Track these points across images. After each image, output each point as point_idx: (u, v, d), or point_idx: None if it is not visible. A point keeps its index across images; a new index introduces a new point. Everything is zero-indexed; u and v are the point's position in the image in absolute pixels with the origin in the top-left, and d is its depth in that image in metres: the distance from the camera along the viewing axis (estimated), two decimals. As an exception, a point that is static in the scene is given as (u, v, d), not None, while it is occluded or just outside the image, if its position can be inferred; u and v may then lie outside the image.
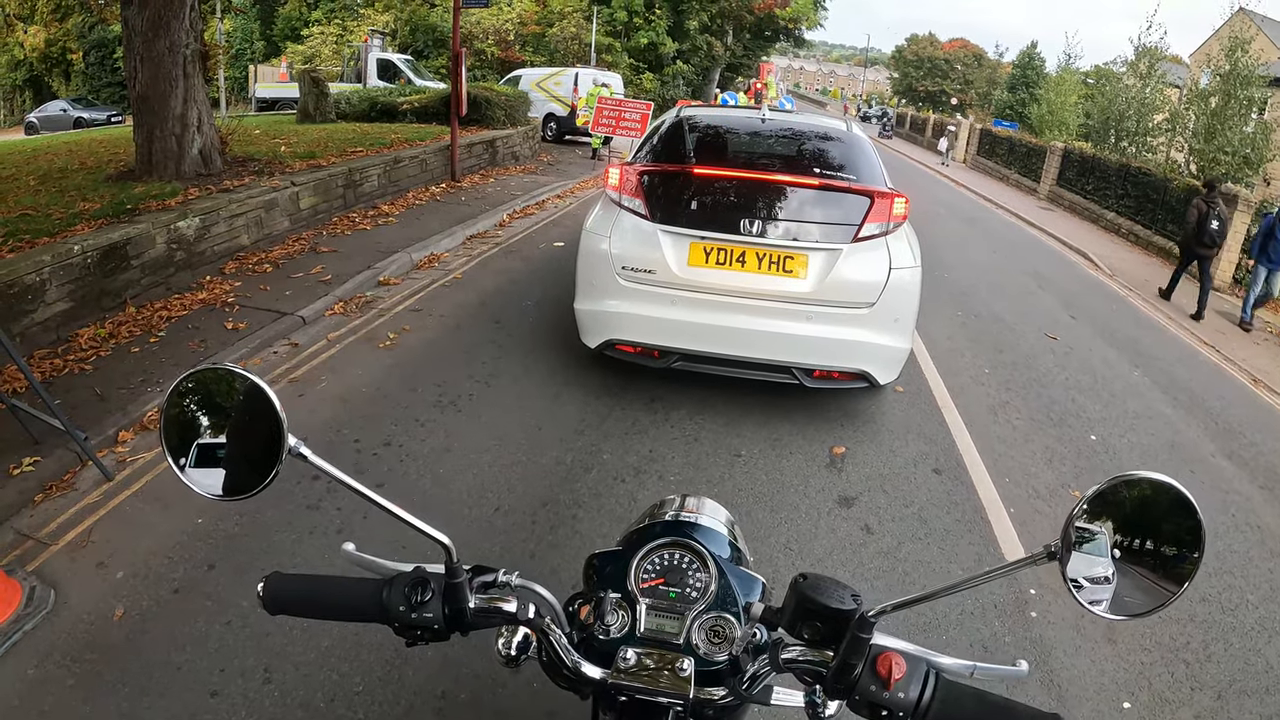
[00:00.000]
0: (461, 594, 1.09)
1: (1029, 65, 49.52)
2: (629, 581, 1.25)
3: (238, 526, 3.57)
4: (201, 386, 1.04)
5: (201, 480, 1.03)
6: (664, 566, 1.29)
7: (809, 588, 1.06)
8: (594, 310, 4.86)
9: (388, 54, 25.28)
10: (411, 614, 1.08)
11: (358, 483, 1.04)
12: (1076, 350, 7.53)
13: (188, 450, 1.03)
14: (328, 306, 6.48)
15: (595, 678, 1.12)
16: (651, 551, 1.30)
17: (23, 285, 5.17)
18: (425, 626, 1.09)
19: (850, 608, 1.03)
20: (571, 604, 1.24)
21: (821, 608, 1.04)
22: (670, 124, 5.39)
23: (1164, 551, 0.96)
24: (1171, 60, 28.74)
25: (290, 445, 0.99)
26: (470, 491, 4.01)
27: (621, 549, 1.38)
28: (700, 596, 1.24)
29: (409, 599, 1.08)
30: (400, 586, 1.09)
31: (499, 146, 14.77)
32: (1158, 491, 0.95)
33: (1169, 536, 0.96)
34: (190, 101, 8.04)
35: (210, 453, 1.03)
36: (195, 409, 1.04)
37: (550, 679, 1.18)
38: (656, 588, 1.26)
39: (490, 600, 1.12)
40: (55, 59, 37.16)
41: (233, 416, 1.04)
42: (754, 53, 41.16)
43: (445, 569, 1.09)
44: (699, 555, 1.29)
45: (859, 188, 4.63)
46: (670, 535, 1.34)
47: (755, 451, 4.64)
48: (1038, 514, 4.38)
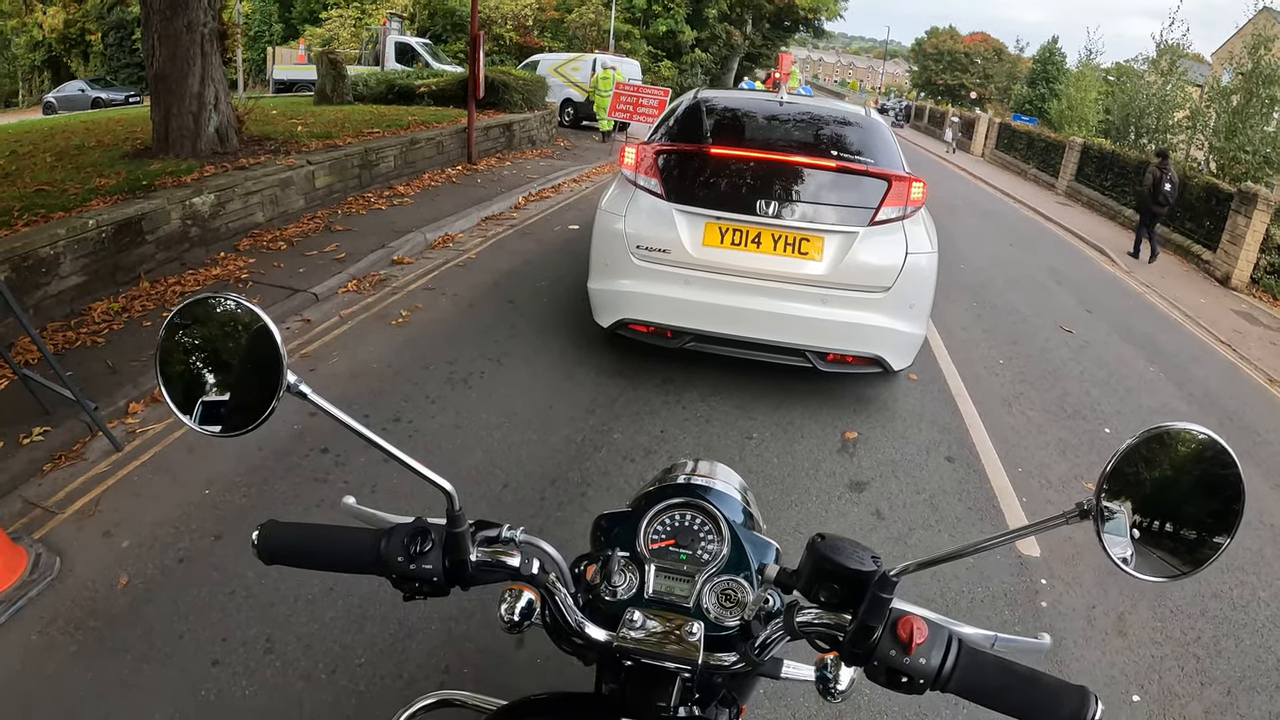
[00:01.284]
0: (463, 545, 1.05)
1: (1049, 60, 48.95)
2: (638, 542, 1.22)
3: (245, 498, 3.57)
4: (200, 316, 0.99)
5: (195, 413, 0.98)
6: (675, 528, 1.25)
7: (827, 548, 1.02)
8: (607, 289, 4.84)
9: (406, 37, 25.21)
10: (410, 565, 1.03)
11: (358, 423, 1.00)
12: (1092, 344, 7.45)
13: (182, 382, 0.98)
14: (341, 284, 6.48)
15: (600, 640, 1.08)
16: (662, 512, 1.27)
17: (37, 258, 5.18)
18: (424, 578, 1.04)
19: (870, 568, 0.99)
20: (578, 565, 1.20)
21: (840, 568, 0.99)
22: (687, 105, 5.35)
23: (1203, 507, 0.90)
24: (1193, 58, 28.44)
25: (289, 382, 0.94)
26: (479, 468, 3.99)
27: (632, 510, 1.34)
28: (712, 559, 1.20)
29: (408, 549, 1.03)
30: (399, 537, 1.05)
31: (516, 130, 14.74)
32: (1194, 444, 0.90)
33: (1207, 491, 0.90)
34: (207, 80, 8.04)
35: (205, 386, 0.99)
36: (192, 339, 0.99)
37: (554, 642, 1.14)
38: (667, 549, 1.22)
39: (493, 554, 1.07)
40: (74, 40, 37.24)
41: (230, 349, 0.99)
42: (773, 42, 40.89)
43: (446, 517, 1.05)
44: (711, 517, 1.25)
45: (876, 171, 4.58)
46: (683, 494, 1.31)
47: (767, 434, 4.61)
48: (1049, 504, 4.34)
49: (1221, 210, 13.29)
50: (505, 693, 1.23)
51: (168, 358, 0.98)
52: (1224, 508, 0.89)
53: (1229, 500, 0.89)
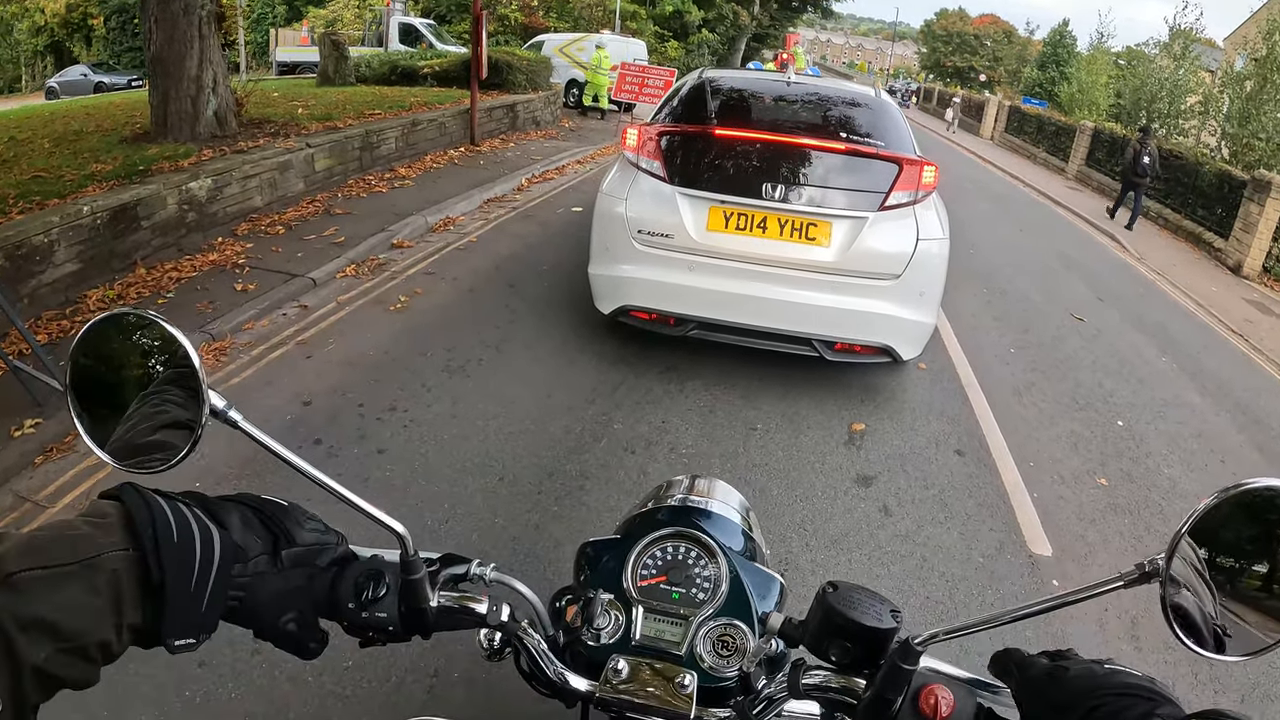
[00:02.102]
0: (420, 592, 0.91)
1: (1060, 43, 48.49)
2: (625, 579, 1.08)
3: (235, 491, 3.47)
4: (112, 337, 0.84)
5: (111, 447, 0.82)
6: (666, 562, 1.12)
7: (839, 600, 0.88)
8: (608, 275, 4.72)
9: (409, 18, 25.03)
10: (362, 613, 0.89)
11: (294, 455, 0.83)
12: (1104, 333, 7.32)
13: (97, 412, 0.83)
14: (339, 269, 6.38)
15: (581, 690, 0.96)
16: (652, 544, 1.13)
17: (31, 246, 5.10)
18: (378, 628, 0.91)
19: (889, 626, 0.86)
20: (559, 599, 1.07)
21: (854, 625, 0.86)
22: (692, 85, 5.21)
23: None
24: (1206, 43, 28.11)
25: (217, 407, 0.79)
26: (475, 459, 3.89)
27: (620, 537, 1.22)
28: (708, 599, 1.07)
29: (360, 594, 0.89)
30: (351, 579, 0.90)
31: (520, 111, 14.58)
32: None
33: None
34: (205, 63, 7.93)
35: (120, 416, 0.84)
36: (105, 364, 0.84)
37: (531, 688, 1.01)
38: (657, 586, 1.09)
39: (458, 599, 0.94)
40: (76, 24, 37.09)
41: (146, 373, 0.84)
42: (781, 23, 40.54)
43: (400, 563, 0.91)
44: (707, 549, 1.12)
45: (887, 154, 4.45)
46: (675, 524, 1.17)
47: (772, 425, 4.50)
48: (1062, 500, 4.23)
49: (1234, 198, 13.10)
50: (494, 706, 1.11)
51: (79, 385, 0.83)
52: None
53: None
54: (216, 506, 0.81)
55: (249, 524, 0.83)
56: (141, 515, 0.70)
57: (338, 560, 0.91)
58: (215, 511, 0.80)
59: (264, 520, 0.85)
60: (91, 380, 0.83)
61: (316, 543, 0.89)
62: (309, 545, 0.88)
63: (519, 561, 3.20)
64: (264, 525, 0.85)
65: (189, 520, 0.74)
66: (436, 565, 0.96)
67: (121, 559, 0.68)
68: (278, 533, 0.85)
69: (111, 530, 0.69)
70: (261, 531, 0.84)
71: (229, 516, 0.81)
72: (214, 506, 0.81)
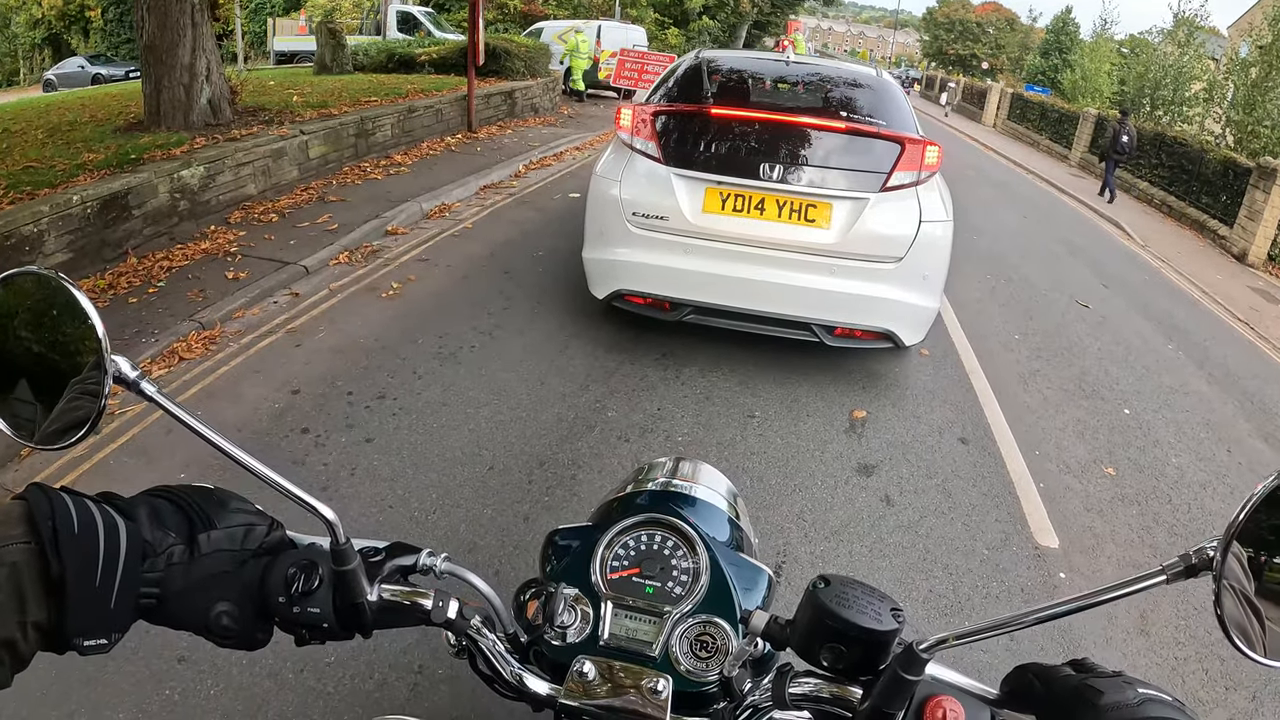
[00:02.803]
0: (354, 585, 0.81)
1: (1063, 31, 48.29)
2: (593, 571, 0.96)
3: (221, 482, 3.33)
4: (12, 297, 0.77)
5: (15, 421, 0.76)
6: (640, 552, 0.99)
7: (831, 597, 0.77)
8: (602, 259, 4.62)
9: (407, 6, 24.91)
10: (293, 607, 0.79)
11: (210, 430, 0.75)
12: (1109, 320, 7.21)
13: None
14: (332, 256, 6.29)
15: (542, 695, 0.86)
16: (624, 532, 1.01)
17: (20, 236, 5.03)
18: (310, 624, 0.81)
19: (890, 628, 0.76)
20: (523, 593, 0.94)
21: (849, 626, 0.76)
22: (688, 65, 5.09)
23: None
24: (1209, 32, 27.95)
25: (127, 375, 0.71)
26: (464, 448, 3.80)
27: (591, 525, 1.11)
28: (685, 594, 0.94)
29: (290, 586, 0.79)
30: (281, 570, 0.80)
31: (518, 98, 14.45)
32: None
33: None
34: (199, 51, 7.84)
35: (18, 386, 0.77)
36: (5, 326, 0.77)
37: (493, 691, 0.90)
38: (629, 579, 0.96)
39: (402, 593, 0.84)
40: (74, 17, 37.01)
41: (45, 338, 0.77)
42: (782, 10, 40.37)
43: (330, 552, 0.81)
44: (686, 538, 1.00)
45: (888, 133, 4.33)
46: (651, 510, 1.04)
47: (770, 413, 4.39)
48: (1068, 490, 4.12)
49: (1239, 185, 12.97)
50: (478, 705, 1.00)
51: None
52: None
53: None
54: (124, 502, 0.77)
55: (159, 515, 0.77)
56: (41, 508, 0.67)
57: (270, 547, 0.83)
58: (122, 506, 0.75)
59: (179, 506, 0.79)
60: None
61: (240, 525, 0.82)
62: (230, 527, 0.81)
63: (507, 554, 3.10)
64: (180, 511, 0.79)
65: (92, 512, 0.70)
66: (382, 555, 0.87)
67: (22, 552, 0.65)
68: (195, 517, 0.79)
69: (13, 524, 0.66)
70: (176, 521, 0.78)
71: (136, 510, 0.76)
72: (121, 502, 0.76)
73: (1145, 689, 0.68)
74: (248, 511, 0.83)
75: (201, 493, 0.82)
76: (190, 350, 4.67)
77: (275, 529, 0.85)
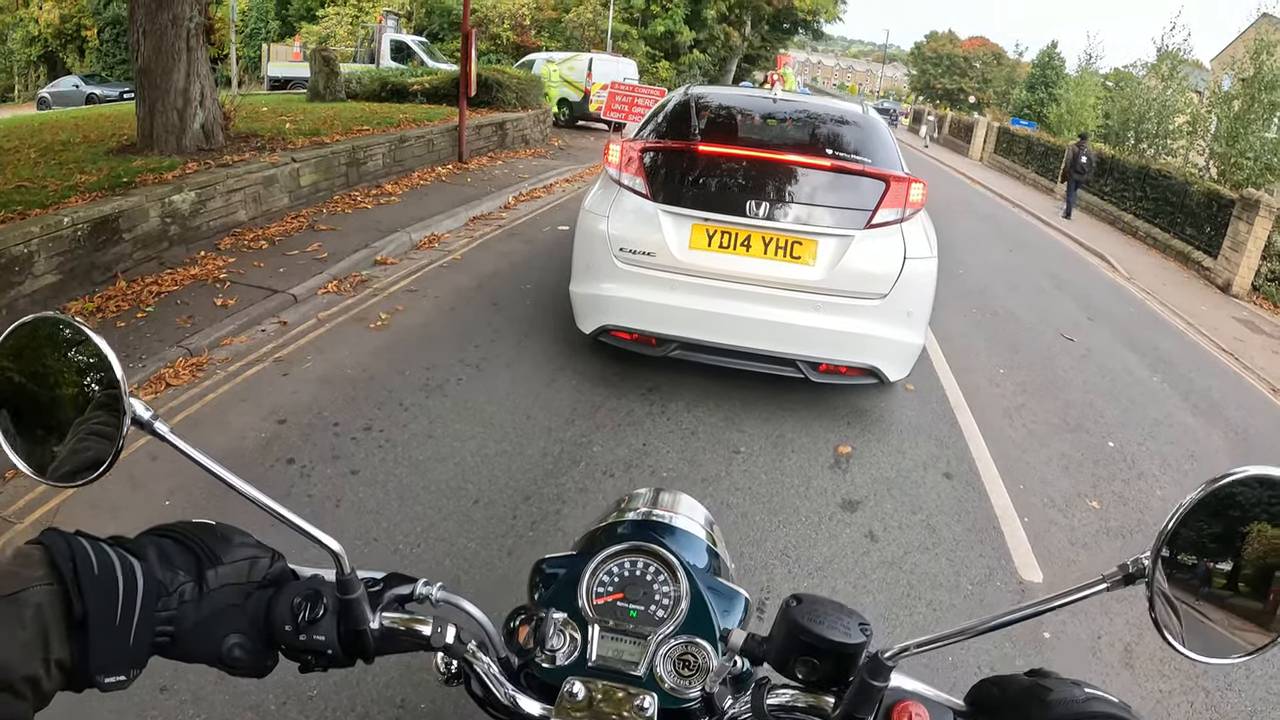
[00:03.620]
0: (359, 613, 0.86)
1: (1048, 65, 48.92)
2: (580, 596, 1.01)
3: (206, 511, 3.35)
4: (30, 343, 0.81)
5: (32, 459, 0.80)
6: (624, 578, 1.05)
7: (804, 614, 0.84)
8: (589, 294, 4.64)
9: (402, 35, 25.12)
10: (299, 635, 0.84)
11: (222, 469, 0.80)
12: (1094, 353, 7.27)
13: (16, 421, 0.80)
14: (321, 285, 6.30)
15: (535, 715, 0.90)
16: (609, 559, 1.06)
17: (10, 257, 5.03)
18: (316, 650, 0.85)
19: (858, 641, 0.82)
20: (513, 619, 1.00)
21: (820, 640, 0.82)
22: (676, 101, 5.15)
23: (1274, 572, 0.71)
24: (1193, 64, 28.38)
25: (141, 417, 0.76)
26: (449, 481, 3.79)
27: (576, 554, 1.16)
28: (668, 616, 1.00)
29: (296, 615, 0.83)
30: (288, 599, 0.85)
31: (509, 129, 14.56)
32: (1269, 490, 0.70)
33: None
34: (193, 76, 7.89)
35: (41, 426, 0.81)
36: (23, 371, 0.81)
37: (486, 712, 0.94)
38: (614, 604, 1.02)
39: (402, 621, 0.89)
40: (70, 35, 37.26)
41: (66, 380, 0.81)
42: (771, 44, 40.89)
43: (336, 582, 0.86)
44: (667, 565, 1.06)
45: (874, 171, 4.38)
46: (634, 539, 1.10)
47: (755, 448, 4.41)
48: (1052, 524, 4.15)
49: (1223, 216, 13.15)
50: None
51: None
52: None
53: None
54: (132, 543, 0.79)
55: (166, 555, 0.80)
56: (61, 550, 0.70)
57: (274, 579, 0.87)
58: (132, 548, 0.78)
59: (186, 545, 0.82)
60: (12, 387, 0.81)
61: (244, 558, 0.85)
62: (236, 562, 0.84)
63: (492, 587, 3.10)
64: (186, 550, 0.82)
65: (109, 554, 0.73)
66: (380, 585, 0.91)
67: (45, 593, 0.68)
68: (201, 554, 0.82)
69: (35, 567, 0.69)
70: (183, 558, 0.81)
71: (146, 551, 0.78)
72: (131, 543, 0.79)
73: (1093, 690, 0.74)
74: (250, 545, 0.87)
75: (204, 529, 0.85)
76: (177, 377, 4.67)
77: (277, 560, 0.88)
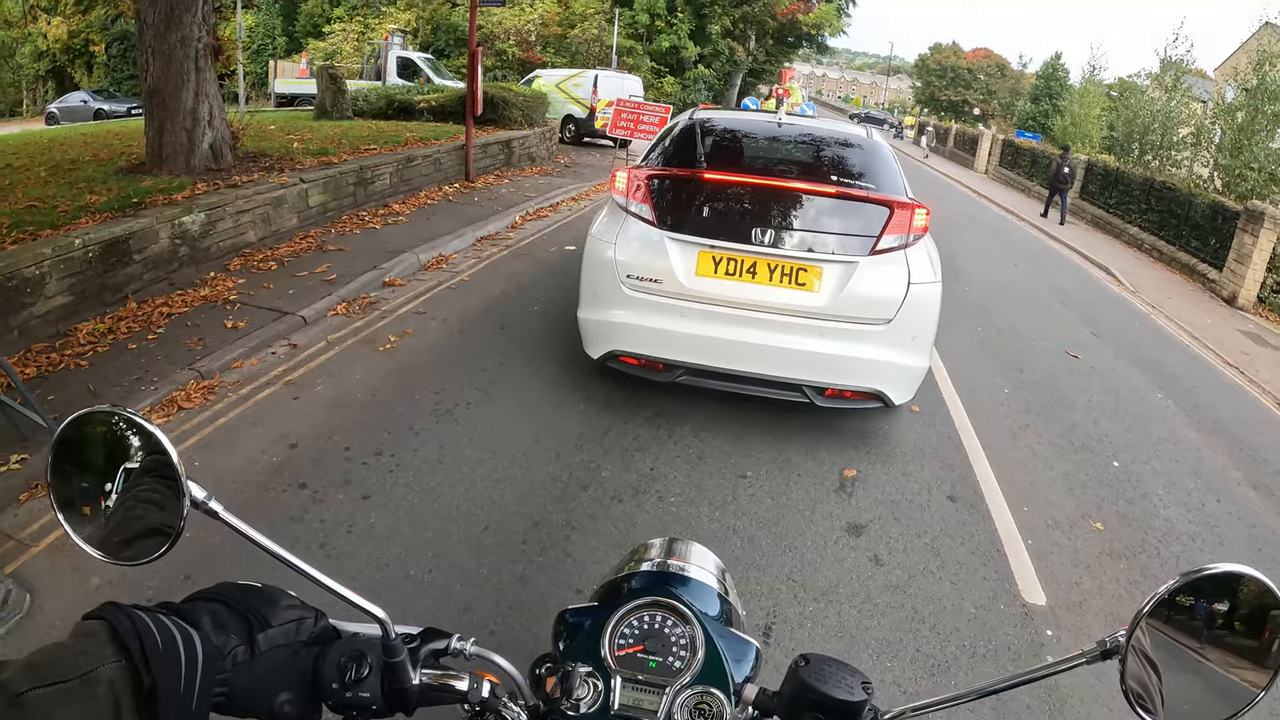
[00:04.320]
0: (402, 673, 0.94)
1: (1052, 76, 48.97)
2: (603, 649, 1.08)
3: (219, 537, 3.38)
4: (91, 432, 0.87)
5: (95, 541, 0.86)
6: (643, 631, 1.11)
7: (811, 674, 0.94)
8: (597, 320, 4.68)
9: (408, 52, 25.26)
10: (346, 693, 0.92)
11: (273, 543, 0.87)
12: (1099, 370, 7.30)
13: (80, 504, 0.87)
14: (330, 307, 6.35)
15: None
16: (629, 613, 1.13)
17: (22, 278, 5.09)
18: (362, 707, 0.93)
19: (859, 699, 0.91)
20: (539, 667, 1.07)
21: (825, 698, 0.92)
22: (683, 127, 5.21)
23: (1241, 654, 0.83)
24: (1197, 74, 28.38)
25: (197, 498, 0.83)
26: (460, 507, 3.84)
27: (596, 605, 1.21)
28: (684, 667, 1.06)
29: (343, 675, 0.92)
30: (335, 658, 0.93)
31: (515, 147, 14.65)
32: (1239, 587, 0.82)
33: (1248, 635, 0.83)
34: (201, 95, 7.96)
35: (105, 509, 0.87)
36: (85, 458, 0.87)
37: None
38: (634, 655, 1.08)
39: (439, 676, 0.96)
40: (78, 50, 37.54)
41: (126, 468, 0.87)
42: (776, 58, 40.95)
43: (382, 646, 0.93)
44: (683, 617, 1.12)
45: (878, 197, 4.43)
46: (652, 593, 1.16)
47: (762, 473, 4.45)
48: (1056, 546, 4.17)
49: (1227, 229, 13.19)
50: None
51: (60, 478, 0.87)
52: (1263, 654, 0.82)
53: (1269, 647, 0.82)
54: (186, 611, 0.85)
55: (219, 620, 0.87)
56: (126, 627, 0.74)
57: (318, 636, 0.94)
58: (186, 614, 0.84)
59: (235, 609, 0.89)
60: (73, 475, 0.87)
61: (291, 620, 0.92)
62: (284, 624, 0.91)
63: (503, 614, 3.14)
64: (235, 614, 0.89)
65: (169, 627, 0.78)
66: (417, 642, 0.99)
67: (115, 670, 0.72)
68: (251, 618, 0.89)
69: (102, 645, 0.73)
70: (234, 622, 0.88)
71: (200, 618, 0.85)
72: (184, 611, 0.85)
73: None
74: (295, 607, 0.94)
75: (251, 592, 0.92)
76: (189, 400, 4.72)
77: (321, 619, 0.96)
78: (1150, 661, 0.82)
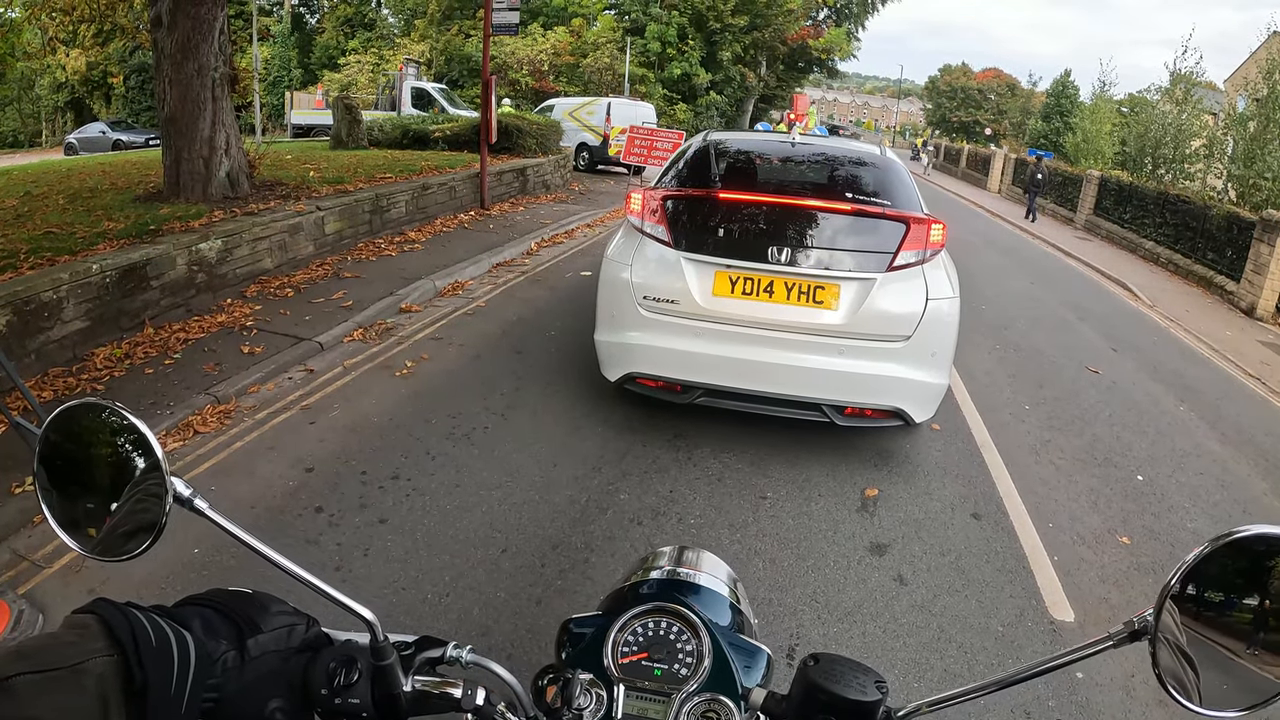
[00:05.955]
0: (392, 678, 0.89)
1: (1063, 94, 49.01)
2: (605, 656, 1.04)
3: (234, 559, 3.40)
4: (75, 428, 0.86)
5: (79, 535, 0.85)
6: (648, 638, 1.07)
7: (821, 674, 0.88)
8: (614, 342, 4.67)
9: (422, 83, 25.55)
10: (335, 699, 0.87)
11: (260, 543, 0.86)
12: (1120, 384, 7.22)
13: (65, 501, 0.86)
14: (346, 333, 6.38)
15: None
16: (633, 620, 1.09)
17: (40, 302, 5.15)
18: (351, 714, 0.89)
19: (873, 699, 0.86)
20: (541, 678, 1.02)
21: (837, 699, 0.86)
22: (696, 148, 5.22)
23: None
24: (1207, 86, 28.30)
25: (181, 495, 0.81)
26: (478, 530, 3.81)
27: (602, 613, 1.19)
28: (691, 675, 1.02)
29: (332, 680, 0.88)
30: (324, 663, 0.89)
31: (530, 175, 14.74)
32: (1272, 549, 0.74)
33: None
34: (218, 124, 8.06)
35: (90, 506, 0.86)
36: (70, 454, 0.87)
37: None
38: (638, 663, 1.05)
39: (433, 684, 0.92)
40: (96, 82, 38.19)
41: (111, 462, 0.86)
42: (787, 84, 41.22)
43: (370, 649, 0.89)
44: (690, 624, 1.08)
45: (894, 213, 4.41)
46: (658, 599, 1.13)
47: (782, 493, 4.39)
48: (1083, 562, 4.09)
49: (1244, 239, 13.06)
50: None
51: (47, 475, 0.87)
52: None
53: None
54: (177, 614, 0.83)
55: (210, 625, 0.85)
56: (120, 623, 0.73)
57: (309, 643, 0.92)
58: (177, 618, 0.82)
59: (226, 614, 0.87)
60: (58, 469, 0.86)
61: (282, 626, 0.90)
62: (275, 630, 0.89)
63: (520, 637, 3.10)
64: (226, 619, 0.87)
65: (163, 626, 0.76)
66: (411, 649, 0.95)
67: (106, 664, 0.70)
68: (241, 624, 0.87)
69: (94, 638, 0.72)
70: (224, 628, 0.86)
71: (191, 621, 0.83)
72: (176, 614, 0.83)
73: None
74: (287, 613, 0.91)
75: (242, 598, 0.90)
76: (205, 424, 4.73)
77: (312, 626, 0.93)
78: (1182, 641, 0.76)
